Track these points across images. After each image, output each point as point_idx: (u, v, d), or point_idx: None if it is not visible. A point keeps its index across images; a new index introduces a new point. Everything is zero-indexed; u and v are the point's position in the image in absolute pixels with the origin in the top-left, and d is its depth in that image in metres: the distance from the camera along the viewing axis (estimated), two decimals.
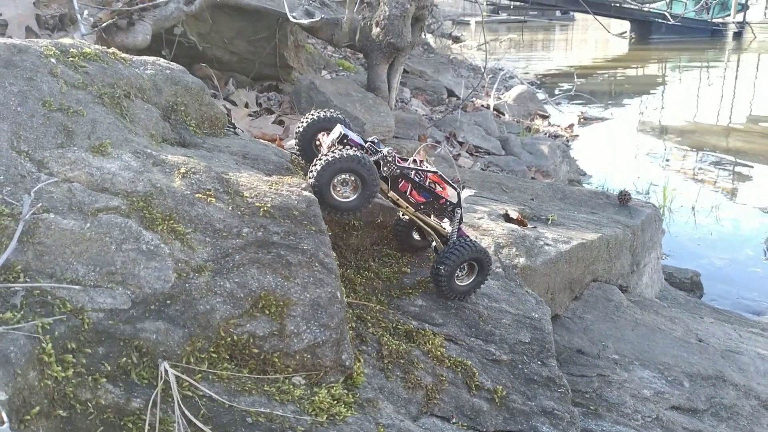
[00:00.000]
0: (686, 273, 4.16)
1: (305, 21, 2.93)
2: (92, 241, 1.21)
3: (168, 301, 1.21)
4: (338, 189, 1.59)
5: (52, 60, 1.50)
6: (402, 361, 1.49)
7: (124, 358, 1.12)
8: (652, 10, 17.91)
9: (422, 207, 1.83)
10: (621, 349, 2.37)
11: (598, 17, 5.84)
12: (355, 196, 1.61)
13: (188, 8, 3.04)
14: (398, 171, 1.74)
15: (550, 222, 2.75)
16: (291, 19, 2.85)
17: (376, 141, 1.79)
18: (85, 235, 1.21)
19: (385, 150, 1.73)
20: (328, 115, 1.80)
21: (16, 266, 1.14)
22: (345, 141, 1.69)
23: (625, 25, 19.94)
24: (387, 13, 3.17)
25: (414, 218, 1.84)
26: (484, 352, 1.68)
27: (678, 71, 14.28)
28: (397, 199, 1.78)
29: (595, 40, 20.92)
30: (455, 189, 1.87)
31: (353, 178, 1.59)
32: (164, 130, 1.65)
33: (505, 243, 2.24)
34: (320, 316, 1.32)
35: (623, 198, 3.22)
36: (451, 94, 8.37)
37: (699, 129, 8.54)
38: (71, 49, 1.58)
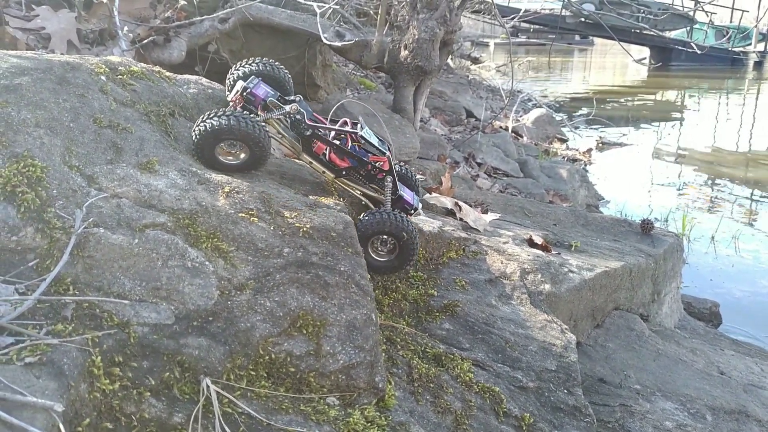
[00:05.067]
0: (705, 303, 4.13)
1: (338, 43, 2.98)
2: (139, 256, 1.24)
3: (210, 318, 1.23)
4: (229, 152, 1.55)
5: (103, 77, 1.55)
6: (432, 385, 1.50)
7: (167, 373, 1.15)
8: (672, 37, 17.94)
9: (344, 172, 1.73)
10: (643, 379, 2.36)
11: (620, 42, 5.88)
12: (242, 159, 1.56)
13: (222, 26, 3.11)
14: (309, 131, 1.65)
15: (573, 248, 2.75)
16: (324, 40, 2.91)
17: (292, 99, 1.68)
18: (132, 251, 1.24)
19: (288, 107, 1.62)
20: (253, 65, 1.73)
21: (66, 278, 1.18)
22: (245, 93, 1.61)
23: (645, 51, 19.96)
24: (416, 36, 3.22)
25: (339, 183, 1.75)
26: (512, 378, 1.69)
27: (697, 99, 14.25)
28: (311, 163, 1.69)
29: (613, 65, 20.96)
30: (386, 156, 1.75)
31: (238, 143, 1.53)
32: None
33: (530, 269, 2.25)
34: (355, 337, 1.34)
35: (646, 226, 3.22)
36: (470, 114, 8.41)
37: (718, 157, 8.51)
38: (120, 67, 1.63)
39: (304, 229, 1.45)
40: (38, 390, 0.91)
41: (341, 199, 1.73)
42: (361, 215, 1.66)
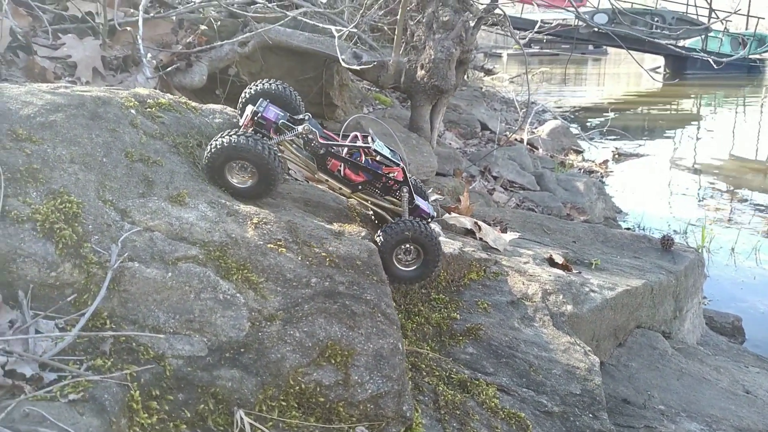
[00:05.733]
0: (727, 318, 4.09)
1: (356, 66, 3.02)
2: (173, 289, 1.27)
3: (242, 350, 1.26)
4: (238, 175, 1.56)
5: (132, 111, 1.59)
6: (458, 412, 1.51)
7: (202, 405, 1.17)
8: (686, 45, 17.86)
9: (361, 187, 1.73)
10: (667, 399, 2.35)
11: (632, 52, 5.87)
12: (252, 183, 1.57)
13: (241, 50, 3.16)
14: (323, 150, 1.66)
15: (593, 266, 2.75)
16: (342, 63, 2.95)
17: (301, 118, 1.69)
18: (166, 284, 1.27)
19: (300, 128, 1.63)
20: (261, 88, 1.74)
21: (102, 312, 1.21)
22: (256, 118, 1.62)
23: (659, 60, 19.87)
24: (432, 56, 3.25)
25: (356, 199, 1.76)
26: (536, 403, 1.69)
27: (713, 107, 14.15)
28: (327, 180, 1.70)
29: (627, 74, 20.88)
30: (400, 166, 1.76)
31: (248, 165, 1.54)
32: None
33: (552, 290, 2.25)
34: (383, 366, 1.36)
35: (666, 243, 3.21)
36: (484, 127, 8.42)
37: (736, 167, 8.43)
38: (148, 100, 1.68)
39: (331, 258, 1.48)
40: (83, 427, 0.94)
41: (364, 225, 1.75)
42: (383, 227, 1.67)
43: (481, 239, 2.55)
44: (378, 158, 1.72)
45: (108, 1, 2.75)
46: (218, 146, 1.50)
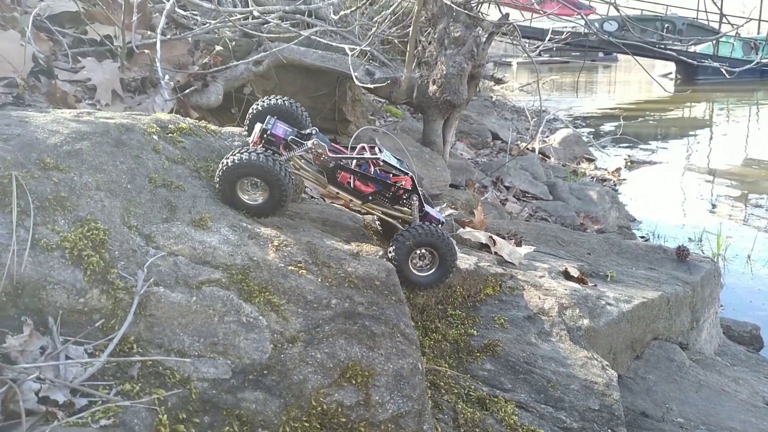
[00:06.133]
0: (745, 326, 4.06)
1: (369, 84, 3.06)
2: (197, 313, 1.30)
3: (265, 372, 1.28)
4: (249, 192, 1.58)
5: (155, 137, 1.63)
6: (477, 430, 1.53)
7: (227, 427, 1.20)
8: (698, 51, 17.78)
9: (371, 197, 1.75)
10: (686, 412, 2.34)
11: (641, 59, 5.88)
12: (263, 200, 1.58)
13: (256, 69, 3.21)
14: (332, 163, 1.68)
15: (609, 279, 2.75)
16: (356, 81, 2.99)
17: (308, 132, 1.71)
18: (191, 308, 1.30)
19: (309, 143, 1.65)
20: (267, 104, 1.77)
21: (129, 337, 1.24)
22: (266, 135, 1.64)
23: (670, 66, 19.78)
24: (444, 71, 3.28)
25: (367, 210, 1.77)
26: (555, 419, 1.70)
27: (726, 113, 14.06)
28: (338, 193, 1.71)
29: (639, 81, 20.81)
30: (408, 175, 1.77)
31: (260, 182, 1.56)
32: None
33: (568, 304, 2.26)
34: (403, 386, 1.38)
35: (681, 253, 3.20)
36: (495, 137, 8.43)
37: (750, 172, 8.37)
38: (169, 125, 1.72)
39: (350, 279, 1.50)
40: None
41: (381, 244, 1.78)
42: (395, 235, 1.69)
43: (496, 253, 2.56)
44: (386, 168, 1.75)
45: (126, 24, 2.81)
46: (230, 163, 1.53)
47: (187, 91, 2.68)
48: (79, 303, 1.24)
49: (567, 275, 2.58)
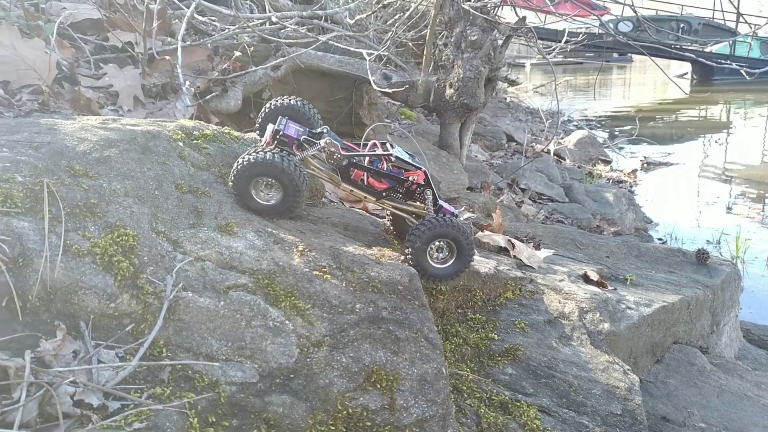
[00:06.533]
0: (765, 330, 4.01)
1: (388, 89, 3.08)
2: (225, 317, 1.32)
3: (291, 375, 1.30)
4: (263, 193, 1.58)
5: (180, 143, 1.65)
6: None
7: (255, 431, 1.21)
8: (714, 51, 17.59)
9: (385, 194, 1.75)
10: (707, 417, 2.33)
11: (657, 59, 5.84)
12: (276, 200, 1.59)
13: (274, 74, 3.24)
14: (345, 161, 1.68)
15: (628, 282, 2.74)
16: (374, 86, 3.01)
17: (320, 131, 1.71)
18: (218, 312, 1.32)
19: (322, 142, 1.65)
20: (278, 105, 1.77)
21: (159, 341, 1.26)
22: (278, 136, 1.65)
23: (686, 66, 19.59)
24: (461, 75, 3.29)
25: (381, 206, 1.78)
26: (578, 424, 1.70)
27: (743, 113, 13.91)
28: (351, 191, 1.72)
29: (654, 81, 20.65)
30: (421, 169, 1.77)
31: (274, 182, 1.56)
32: None
33: (588, 308, 2.26)
34: (427, 391, 1.38)
35: (701, 256, 3.18)
36: (510, 139, 8.42)
37: None
38: (194, 132, 1.74)
39: (373, 283, 1.52)
40: None
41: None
42: (412, 228, 1.68)
43: (515, 257, 2.56)
44: (398, 164, 1.76)
45: (147, 30, 2.84)
46: (245, 163, 1.53)
47: (208, 97, 2.71)
48: (110, 308, 1.26)
49: (586, 279, 2.58)
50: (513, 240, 2.65)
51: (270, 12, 3.44)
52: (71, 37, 2.91)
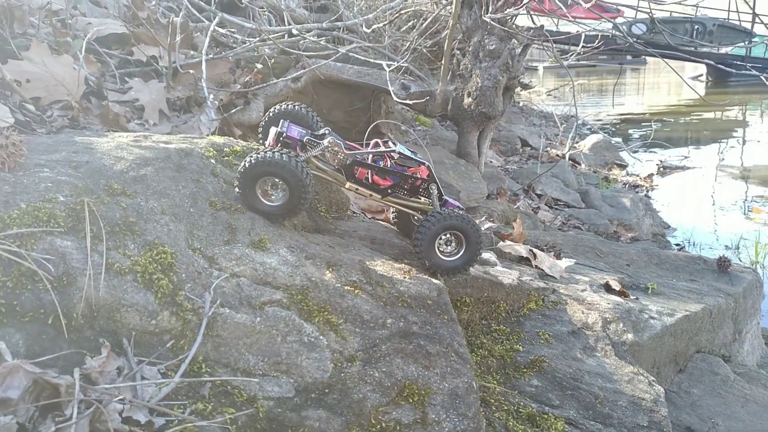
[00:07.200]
0: None
1: (408, 101, 3.11)
2: (261, 333, 1.35)
3: (326, 390, 1.33)
4: (269, 193, 1.59)
5: (212, 160, 1.69)
6: None
7: None
8: (730, 52, 17.44)
9: (390, 191, 1.76)
10: (732, 427, 2.32)
11: (663, 60, 5.83)
12: (281, 201, 1.59)
13: (294, 85, 3.28)
14: (349, 160, 1.69)
15: (650, 291, 2.75)
16: (394, 97, 3.04)
17: (321, 133, 1.73)
18: (255, 328, 1.35)
19: (325, 141, 1.67)
20: (279, 110, 1.80)
21: (198, 357, 1.30)
22: (282, 138, 1.66)
23: (700, 68, 19.43)
24: (479, 84, 3.31)
25: (386, 203, 1.79)
26: None
27: (760, 115, 13.79)
28: (357, 189, 1.73)
29: (668, 84, 20.51)
30: (425, 164, 1.78)
31: (279, 182, 1.57)
32: (303, 218, 1.81)
33: (611, 318, 2.27)
34: (458, 405, 1.41)
35: (723, 264, 3.17)
36: (524, 143, 8.41)
37: None
38: (225, 148, 1.78)
39: (403, 298, 1.54)
40: None
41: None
42: (420, 221, 1.69)
43: (537, 267, 2.57)
44: (401, 161, 1.77)
45: (171, 44, 2.90)
46: (251, 162, 1.54)
47: (233, 111, 2.76)
48: (151, 324, 1.30)
49: (608, 288, 2.59)
50: (534, 249, 2.67)
51: (290, 24, 3.49)
52: (96, 52, 2.97)
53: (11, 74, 2.31)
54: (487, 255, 2.49)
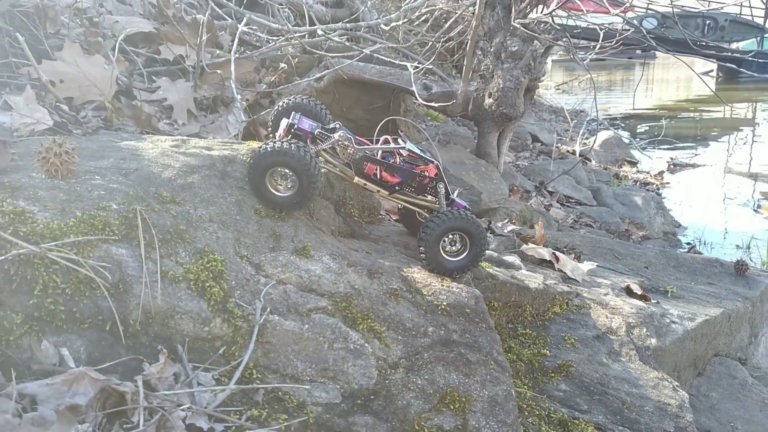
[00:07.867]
0: None
1: (432, 103, 3.13)
2: (309, 340, 1.39)
3: (372, 396, 1.37)
4: (276, 182, 1.60)
5: None
6: None
7: None
8: (741, 48, 17.33)
9: (398, 188, 1.77)
10: (751, 431, 2.37)
11: (675, 56, 5.83)
12: (291, 192, 1.60)
13: (317, 84, 3.31)
14: (359, 155, 1.70)
15: (669, 294, 2.78)
16: (418, 98, 3.07)
17: (332, 127, 1.74)
18: (303, 335, 1.40)
19: (336, 135, 1.68)
20: (290, 103, 1.81)
21: (249, 363, 1.34)
22: (293, 130, 1.67)
23: (711, 63, 19.32)
24: (501, 85, 3.33)
25: (393, 200, 1.79)
26: None
27: None
28: (365, 184, 1.73)
29: (677, 79, 20.42)
30: (433, 163, 1.78)
31: (290, 172, 1.57)
32: (339, 224, 1.85)
33: (635, 323, 2.31)
34: (498, 412, 1.45)
35: (740, 268, 3.20)
36: (535, 139, 8.41)
37: None
38: None
39: (442, 306, 1.58)
40: None
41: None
42: (426, 221, 1.70)
43: (559, 270, 2.61)
44: (410, 159, 1.78)
45: (198, 43, 2.92)
46: (262, 152, 1.54)
47: (262, 113, 2.79)
48: (204, 331, 1.34)
49: (629, 292, 2.62)
50: (557, 253, 2.70)
51: (312, 21, 3.51)
52: (124, 50, 2.99)
53: (45, 74, 2.35)
54: (511, 258, 2.53)
